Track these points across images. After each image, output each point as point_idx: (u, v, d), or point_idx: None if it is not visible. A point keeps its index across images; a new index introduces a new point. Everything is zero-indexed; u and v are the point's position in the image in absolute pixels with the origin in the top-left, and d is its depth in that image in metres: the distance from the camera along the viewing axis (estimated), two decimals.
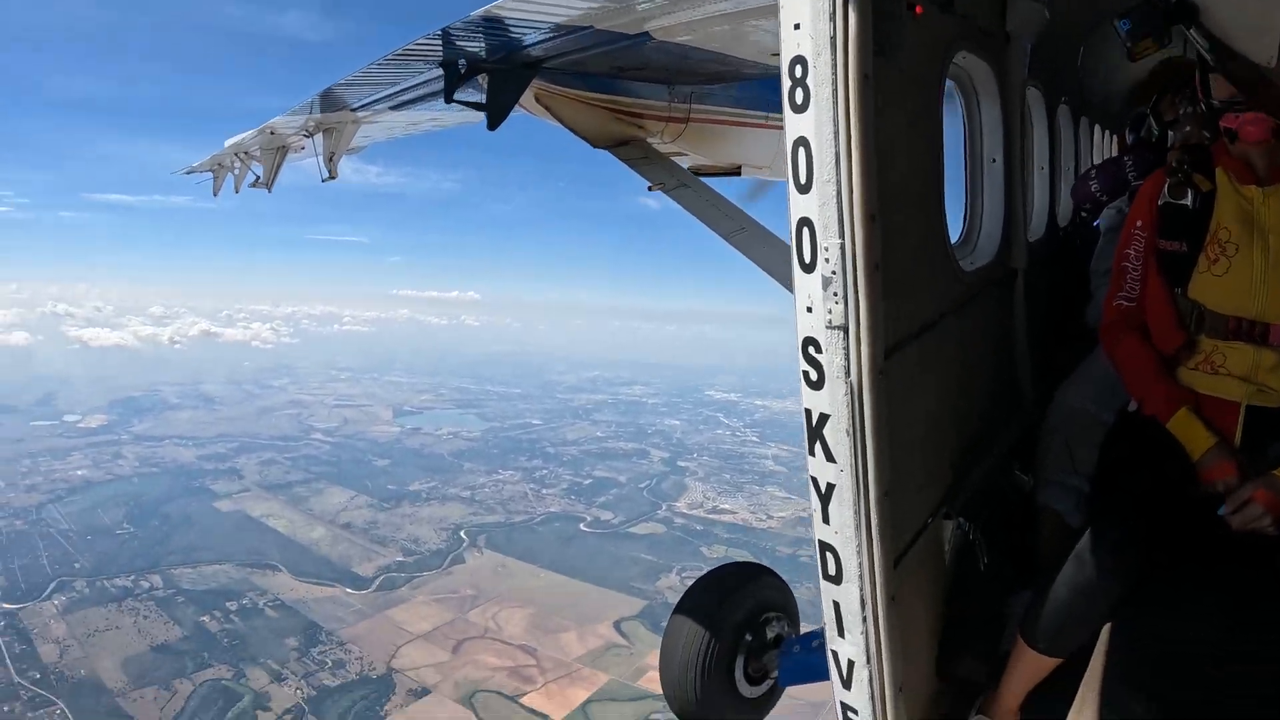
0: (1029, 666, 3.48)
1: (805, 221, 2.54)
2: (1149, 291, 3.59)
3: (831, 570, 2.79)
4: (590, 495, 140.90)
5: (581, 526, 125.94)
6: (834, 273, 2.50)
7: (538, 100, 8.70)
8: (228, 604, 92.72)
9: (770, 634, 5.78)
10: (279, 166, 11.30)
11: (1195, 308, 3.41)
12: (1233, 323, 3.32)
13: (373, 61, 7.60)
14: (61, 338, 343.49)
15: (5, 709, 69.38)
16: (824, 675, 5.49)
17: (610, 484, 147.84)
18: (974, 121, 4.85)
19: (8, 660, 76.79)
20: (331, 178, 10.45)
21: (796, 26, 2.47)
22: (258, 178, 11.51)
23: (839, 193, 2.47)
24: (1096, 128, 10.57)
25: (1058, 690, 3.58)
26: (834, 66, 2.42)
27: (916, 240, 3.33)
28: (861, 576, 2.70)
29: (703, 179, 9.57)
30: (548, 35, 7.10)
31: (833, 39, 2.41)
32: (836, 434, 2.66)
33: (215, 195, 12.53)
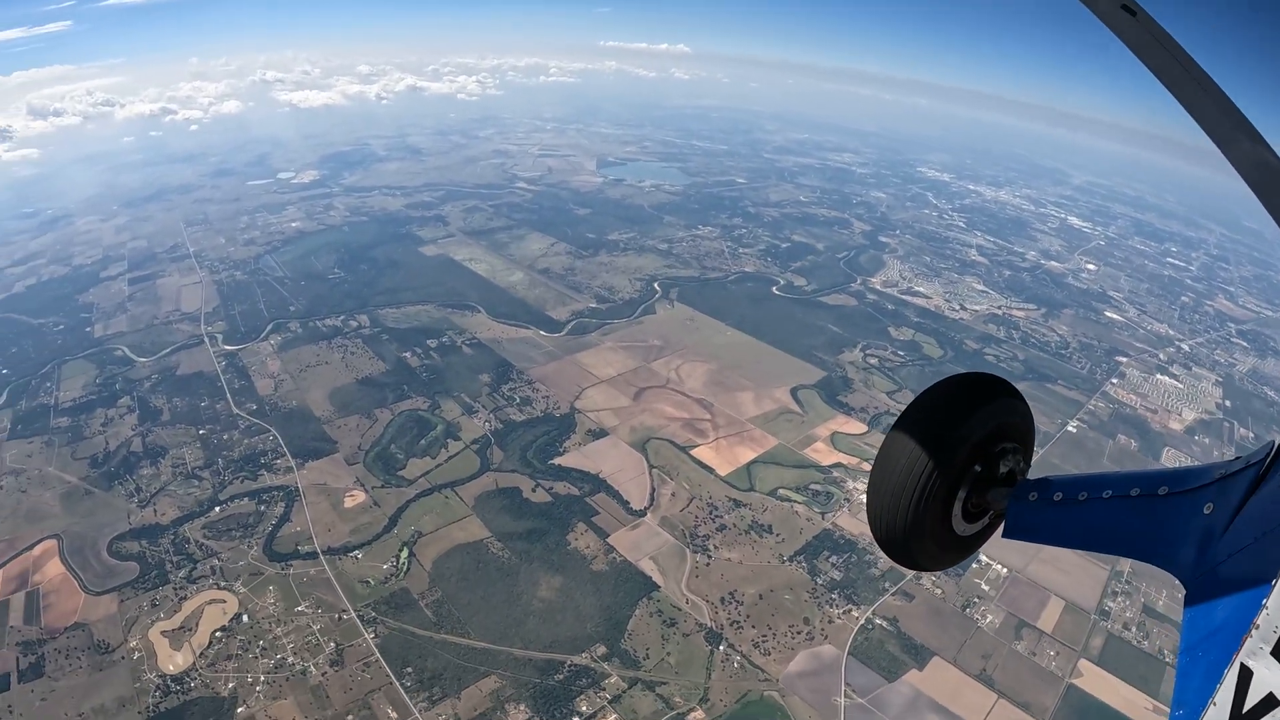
0: None
1: None
2: None
3: None
4: (787, 259, 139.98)
5: (774, 289, 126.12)
6: None
7: None
8: (428, 341, 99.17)
9: (1003, 468, 5.12)
10: None
11: None
12: None
13: None
14: (272, 102, 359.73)
15: (225, 436, 77.31)
16: (1055, 539, 4.59)
17: (808, 249, 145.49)
18: None
19: (228, 395, 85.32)
20: None
21: None
22: None
23: None
24: None
25: None
26: None
27: None
28: None
29: None
30: None
31: None
32: None
33: None
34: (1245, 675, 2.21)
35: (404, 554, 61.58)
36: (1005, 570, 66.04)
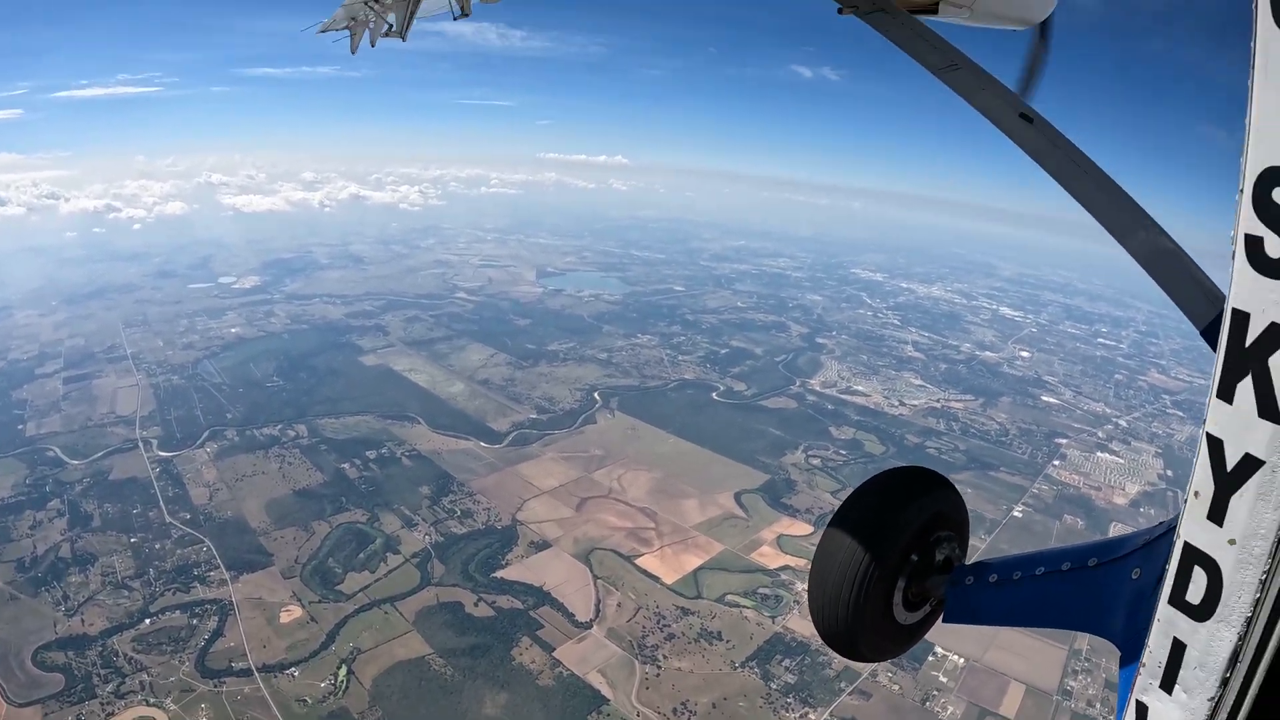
0: None
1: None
2: None
3: (1195, 594, 1.82)
4: (726, 364, 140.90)
5: (714, 395, 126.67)
6: None
7: None
8: (367, 452, 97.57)
9: (940, 556, 5.21)
10: (413, 12, 10.77)
11: None
12: None
13: None
14: (217, 205, 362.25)
15: (158, 545, 75.06)
16: (994, 619, 4.67)
17: (747, 354, 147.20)
18: None
19: (161, 502, 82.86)
20: (464, 15, 9.92)
21: None
22: (390, 27, 11.05)
23: None
24: None
25: None
26: None
27: None
28: (1251, 621, 1.70)
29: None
30: None
31: None
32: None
33: (353, 52, 12.23)
34: (1141, 711, 2.43)
35: (342, 672, 59.59)
36: (962, 660, 65.80)
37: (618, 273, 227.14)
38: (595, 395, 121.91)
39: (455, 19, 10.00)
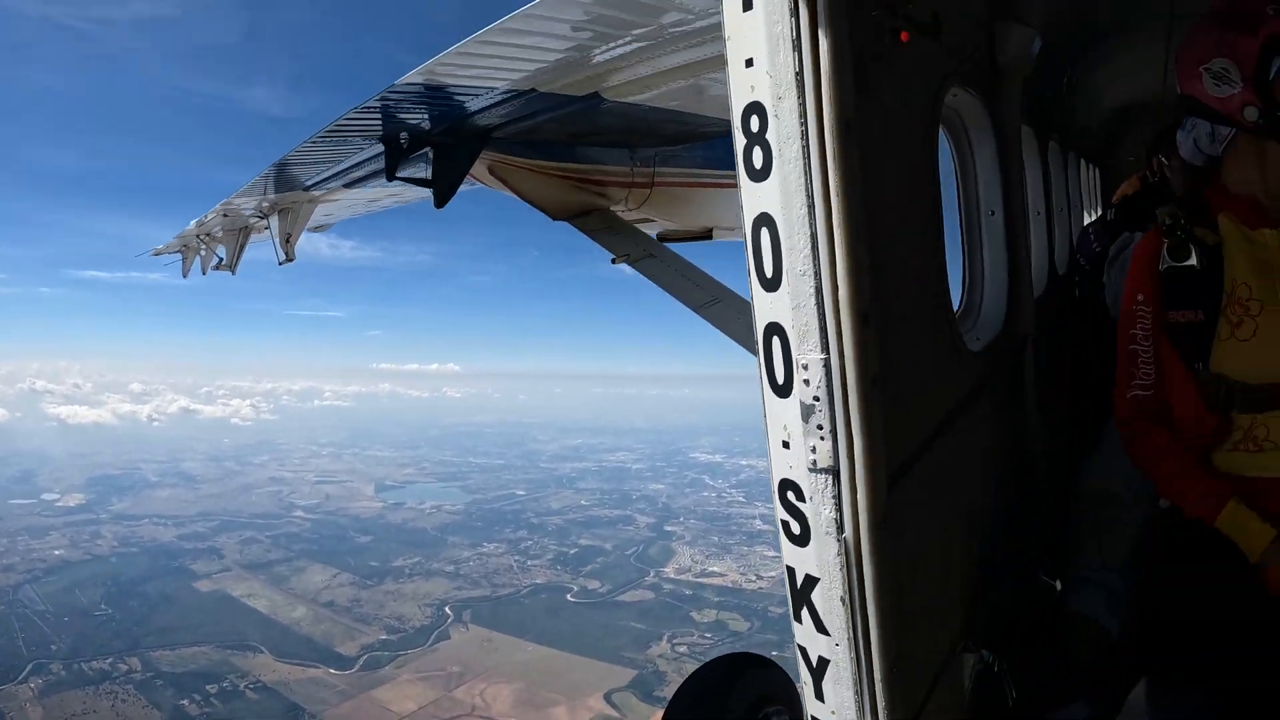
0: None
1: (774, 329, 1.98)
2: (1166, 374, 3.03)
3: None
4: (577, 564, 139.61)
5: (569, 597, 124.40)
6: (817, 399, 1.94)
7: (491, 172, 8.33)
8: (208, 687, 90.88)
9: None
10: (242, 247, 11.08)
11: (1223, 382, 2.87)
12: (1271, 392, 2.79)
13: (309, 138, 7.38)
14: (41, 414, 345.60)
15: None
16: None
17: (597, 552, 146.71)
18: (968, 169, 4.17)
19: None
20: (288, 260, 10.16)
21: (749, 63, 1.90)
22: (221, 260, 11.33)
23: (819, 289, 1.90)
24: (1082, 160, 9.75)
25: None
26: (803, 113, 1.85)
27: (920, 332, 2.69)
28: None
29: (671, 245, 9.28)
30: (492, 101, 6.78)
31: (799, 75, 1.83)
32: (828, 601, 2.09)
33: (184, 276, 12.39)
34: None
35: None
36: None
37: (458, 482, 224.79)
38: (446, 609, 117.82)
39: (280, 263, 10.22)
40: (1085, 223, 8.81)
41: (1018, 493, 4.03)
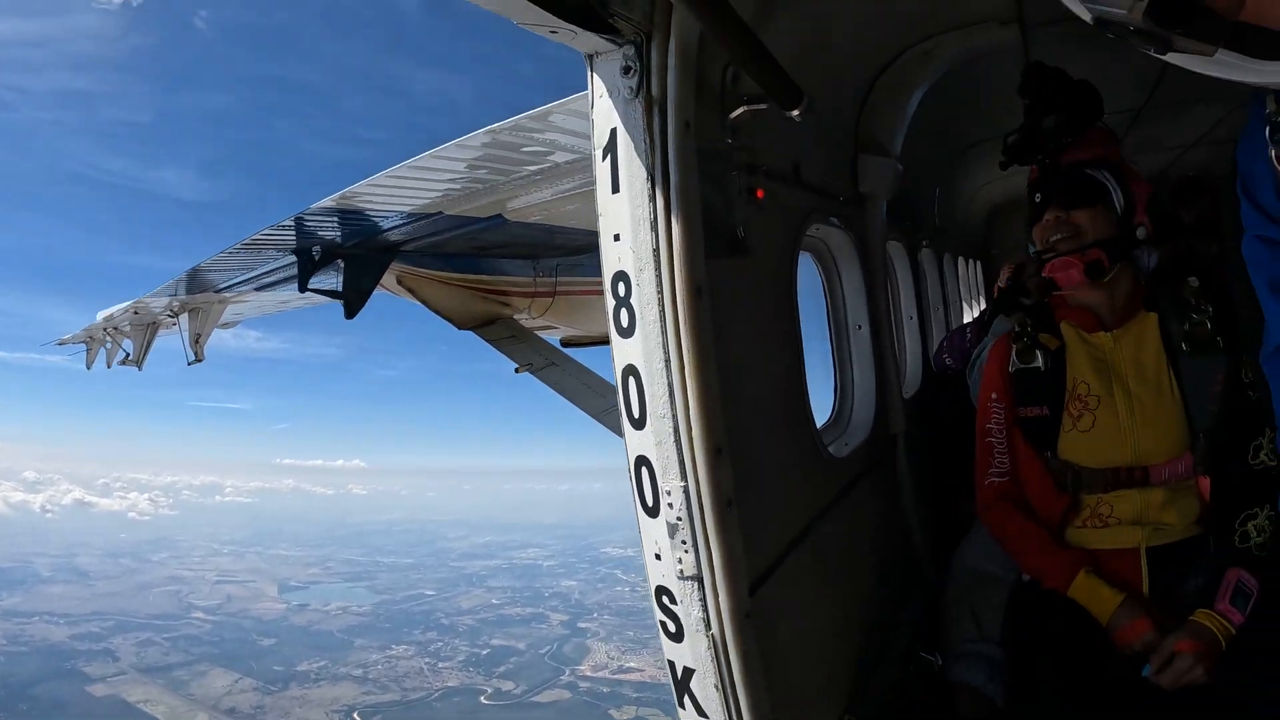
0: None
1: (643, 461, 2.29)
2: (1020, 462, 3.47)
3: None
4: (490, 665, 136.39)
5: (483, 699, 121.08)
6: (679, 519, 2.24)
7: (399, 282, 9.08)
8: None
9: None
10: (149, 344, 11.31)
11: (1070, 468, 3.30)
12: (1110, 475, 3.22)
13: (228, 248, 8.00)
14: None
15: None
16: None
17: (510, 652, 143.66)
18: (835, 290, 4.57)
19: None
20: (197, 360, 10.50)
21: (616, 238, 2.23)
22: (128, 355, 11.53)
23: (676, 429, 2.21)
24: (960, 259, 10.42)
25: None
26: (659, 283, 2.16)
27: (777, 450, 3.04)
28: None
29: (571, 351, 10.10)
30: (401, 222, 7.57)
31: (656, 251, 2.16)
32: (705, 689, 2.39)
33: (88, 368, 12.52)
34: None
35: None
36: None
37: (365, 582, 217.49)
38: (355, 716, 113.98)
39: (189, 364, 10.59)
40: (965, 319, 9.34)
41: (898, 577, 4.41)
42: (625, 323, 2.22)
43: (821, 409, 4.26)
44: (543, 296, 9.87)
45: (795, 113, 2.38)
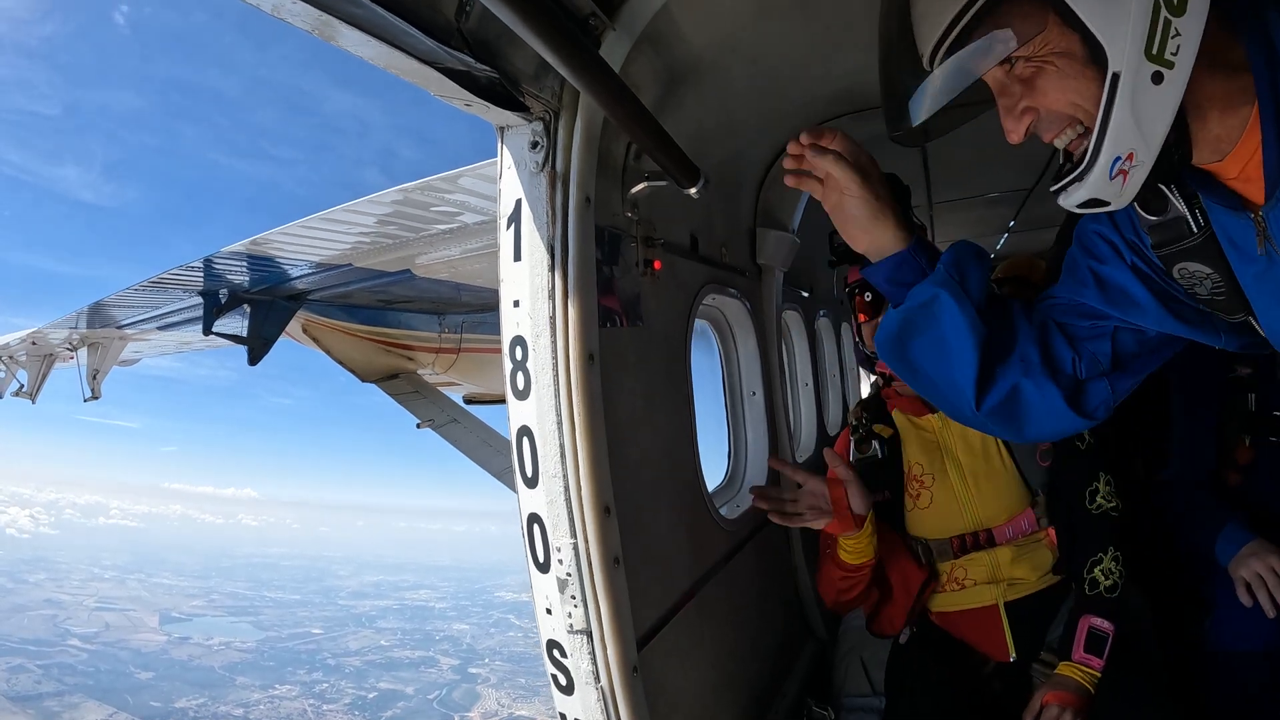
0: None
1: (535, 518, 2.44)
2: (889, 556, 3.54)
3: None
4: (376, 709, 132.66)
5: None
6: (569, 574, 2.38)
7: (305, 331, 9.24)
8: None
9: None
10: (45, 376, 11.25)
11: (920, 543, 3.49)
12: (956, 543, 3.40)
13: (132, 285, 8.06)
14: None
15: None
16: None
17: (397, 696, 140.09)
18: (731, 357, 4.69)
19: None
20: (94, 397, 10.40)
21: (516, 304, 2.38)
22: (22, 386, 11.37)
23: (567, 488, 2.35)
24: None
25: None
26: (554, 349, 2.32)
27: (666, 510, 3.16)
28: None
29: (474, 409, 10.28)
30: (310, 270, 7.74)
31: (551, 319, 2.32)
32: None
33: None
34: None
35: None
36: None
37: (249, 617, 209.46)
38: None
39: (85, 400, 10.45)
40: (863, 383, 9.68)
41: (790, 634, 4.54)
42: (521, 385, 2.36)
43: (719, 472, 4.55)
44: (447, 353, 10.09)
45: (693, 191, 2.58)
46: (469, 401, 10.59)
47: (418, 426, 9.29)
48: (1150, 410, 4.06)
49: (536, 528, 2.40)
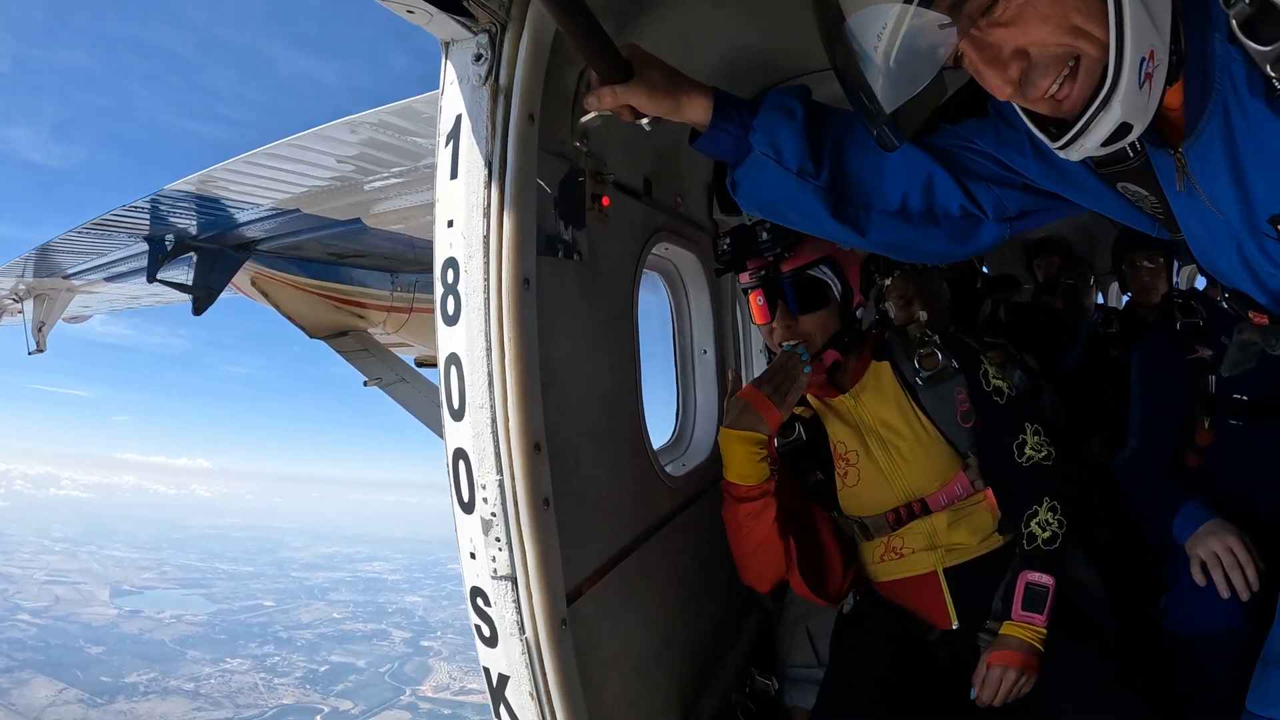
0: None
1: (460, 454, 2.23)
2: (819, 525, 3.51)
3: None
4: (328, 683, 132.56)
5: (318, 719, 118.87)
6: (494, 514, 2.18)
7: (253, 284, 8.94)
8: None
9: None
10: None
11: (854, 520, 3.40)
12: (890, 516, 3.29)
13: (75, 227, 7.75)
14: None
15: None
16: None
17: (349, 669, 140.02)
18: (683, 313, 4.49)
19: None
20: (39, 350, 10.05)
21: (450, 224, 2.21)
22: None
23: (494, 420, 2.17)
24: None
25: None
26: (487, 271, 2.16)
27: (605, 460, 2.99)
28: None
29: (425, 371, 9.80)
30: (258, 216, 7.38)
31: (486, 238, 2.15)
32: (520, 697, 2.29)
33: None
34: None
35: None
36: None
37: (201, 589, 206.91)
38: None
39: (30, 353, 10.12)
40: None
41: (735, 600, 4.27)
42: (451, 310, 2.22)
43: (667, 432, 4.37)
44: (399, 312, 9.71)
45: (644, 121, 2.28)
46: (420, 364, 10.03)
47: (365, 384, 9.06)
48: (1110, 391, 4.20)
49: (462, 464, 2.22)
